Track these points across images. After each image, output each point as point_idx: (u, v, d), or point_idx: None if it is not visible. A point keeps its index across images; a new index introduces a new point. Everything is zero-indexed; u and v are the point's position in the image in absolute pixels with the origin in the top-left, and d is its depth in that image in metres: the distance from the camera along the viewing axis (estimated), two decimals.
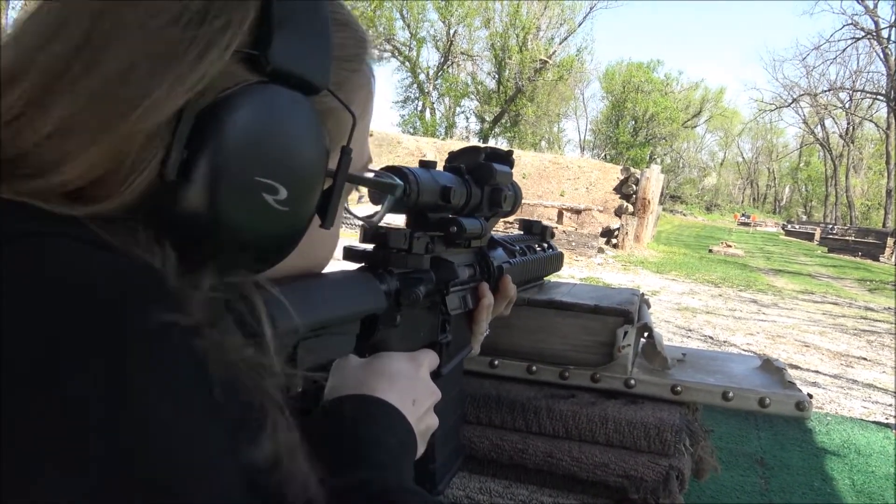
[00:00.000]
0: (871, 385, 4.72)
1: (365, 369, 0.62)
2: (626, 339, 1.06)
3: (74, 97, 0.36)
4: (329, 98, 0.46)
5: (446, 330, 0.77)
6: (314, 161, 0.44)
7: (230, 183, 0.38)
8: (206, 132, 0.37)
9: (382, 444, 0.54)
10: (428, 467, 0.77)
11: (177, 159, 0.36)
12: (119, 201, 0.36)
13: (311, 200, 0.45)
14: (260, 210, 0.40)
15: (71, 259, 0.32)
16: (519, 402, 1.03)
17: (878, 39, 31.25)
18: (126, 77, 0.36)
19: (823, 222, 36.96)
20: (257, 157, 0.39)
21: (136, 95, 0.36)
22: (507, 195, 0.82)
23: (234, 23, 0.38)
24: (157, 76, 0.36)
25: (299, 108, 0.42)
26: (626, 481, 0.96)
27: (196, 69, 0.37)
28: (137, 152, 0.36)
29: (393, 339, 0.66)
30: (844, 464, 1.64)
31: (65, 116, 0.36)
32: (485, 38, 39.01)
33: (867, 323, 7.52)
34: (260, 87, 0.40)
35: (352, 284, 0.59)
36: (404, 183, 0.63)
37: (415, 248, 0.66)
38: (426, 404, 0.65)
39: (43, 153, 0.36)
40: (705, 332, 6.05)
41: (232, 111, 0.38)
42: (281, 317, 0.44)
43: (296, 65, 0.41)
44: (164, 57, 0.36)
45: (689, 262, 12.70)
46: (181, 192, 0.37)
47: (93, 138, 0.35)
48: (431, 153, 17.23)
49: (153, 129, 0.36)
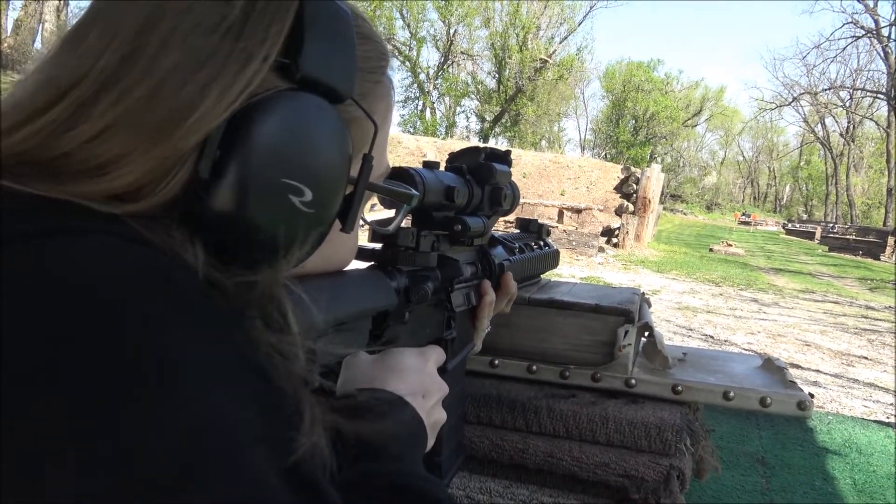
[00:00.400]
0: (872, 384, 4.71)
1: (375, 364, 0.64)
2: (626, 338, 1.06)
3: (125, 108, 0.37)
4: (353, 107, 0.48)
5: (451, 326, 0.79)
6: (338, 166, 0.45)
7: (259, 183, 0.40)
8: (238, 134, 0.39)
9: (395, 436, 0.56)
10: (434, 460, 0.79)
11: (210, 159, 0.38)
12: (156, 200, 0.38)
13: (334, 204, 0.46)
14: (286, 210, 0.42)
15: (110, 254, 0.34)
16: (519, 402, 1.03)
17: (878, 38, 31.22)
18: (174, 89, 0.37)
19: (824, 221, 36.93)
20: (285, 159, 0.41)
21: (184, 107, 0.37)
22: (507, 194, 0.85)
23: (273, 33, 0.40)
24: (204, 87, 0.38)
25: (326, 116, 0.44)
26: (627, 481, 0.96)
27: (240, 79, 0.39)
28: (178, 158, 0.38)
29: (402, 335, 0.69)
30: (846, 463, 1.63)
31: (113, 125, 0.37)
32: (485, 38, 39.01)
33: (868, 322, 7.51)
34: (290, 93, 0.41)
35: (364, 282, 0.61)
36: (414, 186, 0.65)
37: (422, 247, 0.68)
38: (435, 398, 0.67)
39: (95, 158, 0.37)
40: (706, 331, 6.04)
41: (263, 115, 0.40)
42: (303, 313, 0.45)
43: (324, 74, 0.43)
44: (209, 68, 0.38)
45: (689, 261, 12.69)
46: (212, 191, 0.39)
47: (145, 148, 0.37)
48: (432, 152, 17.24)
49: (198, 141, 0.38)
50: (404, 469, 0.52)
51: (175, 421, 0.29)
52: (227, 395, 0.31)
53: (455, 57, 39.82)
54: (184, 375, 0.30)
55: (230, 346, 0.34)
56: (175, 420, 0.29)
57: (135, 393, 0.29)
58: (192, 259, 0.36)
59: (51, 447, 0.27)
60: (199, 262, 0.37)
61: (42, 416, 0.27)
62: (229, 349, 0.33)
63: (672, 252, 14.18)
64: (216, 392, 0.31)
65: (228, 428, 0.30)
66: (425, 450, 0.63)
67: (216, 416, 0.30)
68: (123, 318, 0.31)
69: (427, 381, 0.66)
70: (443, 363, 0.75)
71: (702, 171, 58.55)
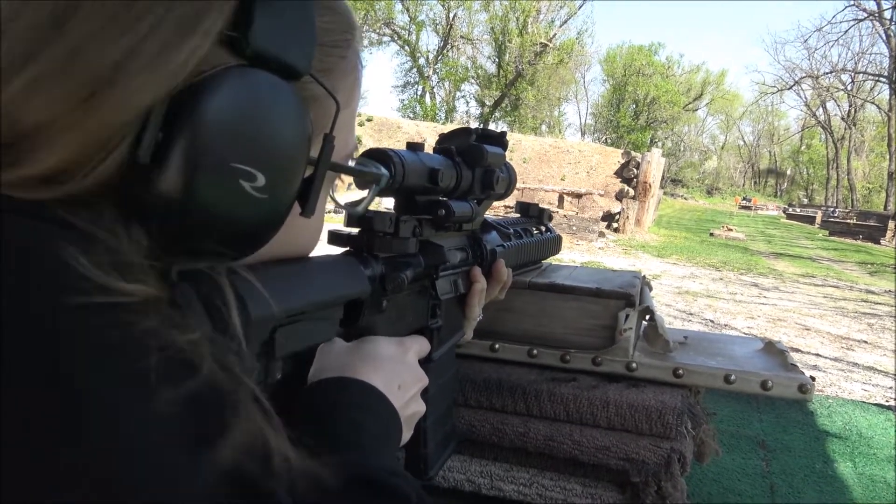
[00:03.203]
0: (872, 368, 4.73)
1: (350, 353, 0.61)
2: (627, 322, 1.05)
3: (41, 73, 0.34)
4: (313, 84, 0.45)
5: (437, 315, 0.77)
6: (294, 148, 0.42)
7: (205, 168, 0.37)
8: (181, 116, 0.36)
9: (362, 426, 0.54)
10: (419, 452, 0.77)
11: (150, 143, 0.35)
12: (87, 182, 0.35)
13: (290, 188, 0.43)
14: (236, 197, 0.39)
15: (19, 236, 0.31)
16: (520, 386, 1.02)
17: (880, 21, 31.02)
18: (94, 53, 0.34)
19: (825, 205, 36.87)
20: (234, 142, 0.38)
21: (106, 75, 0.34)
22: (500, 177, 0.81)
23: (216, 5, 0.37)
24: (129, 55, 0.34)
25: (280, 94, 0.41)
26: (628, 464, 0.96)
27: (176, 53, 0.35)
28: (108, 136, 0.35)
29: (380, 324, 0.65)
30: (846, 446, 1.64)
31: (31, 93, 0.34)
32: (484, 22, 38.75)
33: (868, 306, 7.52)
34: (239, 70, 0.38)
35: (333, 269, 0.58)
36: (388, 166, 0.61)
37: (401, 232, 0.65)
38: (412, 390, 0.65)
39: (11, 131, 0.34)
40: (706, 315, 6.05)
41: (209, 95, 0.36)
42: (256, 302, 0.43)
43: (277, 48, 0.40)
44: (132, 35, 0.35)
45: (690, 245, 12.70)
46: (154, 177, 0.36)
47: (69, 123, 0.34)
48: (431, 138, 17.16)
49: (128, 118, 0.35)
50: (371, 462, 0.49)
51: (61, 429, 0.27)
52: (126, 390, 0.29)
53: (455, 41, 39.59)
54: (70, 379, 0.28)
55: (129, 335, 0.31)
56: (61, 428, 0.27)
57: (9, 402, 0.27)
58: (123, 244, 0.34)
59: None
60: (131, 247, 0.34)
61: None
62: (129, 339, 0.31)
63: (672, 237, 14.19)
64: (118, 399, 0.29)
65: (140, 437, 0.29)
66: (400, 443, 0.61)
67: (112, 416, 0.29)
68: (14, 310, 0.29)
69: (404, 372, 0.64)
70: (427, 353, 0.73)
71: (702, 155, 58.43)
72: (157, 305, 0.33)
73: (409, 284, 0.65)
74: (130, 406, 0.29)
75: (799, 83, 42.05)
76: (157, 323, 0.32)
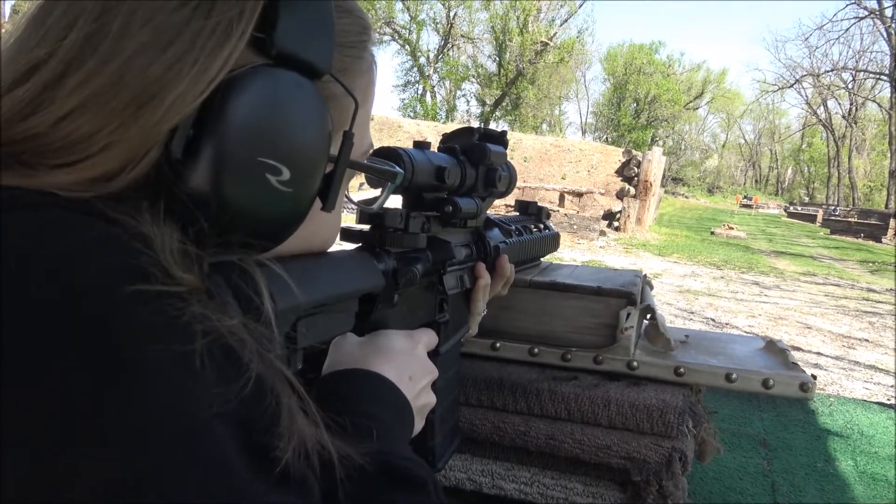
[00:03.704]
0: (873, 366, 4.72)
1: (362, 346, 0.63)
2: (628, 320, 1.05)
3: (91, 91, 0.36)
4: (331, 83, 0.46)
5: (444, 309, 0.78)
6: (317, 144, 0.44)
7: (234, 162, 0.39)
8: (211, 113, 0.38)
9: (377, 417, 0.55)
10: (427, 444, 0.78)
11: (182, 138, 0.37)
12: (126, 181, 0.37)
13: (312, 183, 0.45)
14: (262, 190, 0.41)
15: (64, 228, 0.33)
16: (521, 385, 1.02)
17: (881, 19, 30.98)
18: (141, 69, 0.36)
19: (826, 204, 36.85)
20: (261, 138, 0.40)
21: (153, 88, 0.36)
22: (502, 175, 0.83)
23: (248, 8, 0.39)
24: (172, 67, 0.36)
25: (303, 92, 0.42)
26: (629, 463, 0.96)
27: (216, 58, 0.38)
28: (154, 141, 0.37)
29: (391, 317, 0.67)
30: (847, 445, 1.63)
31: (81, 107, 0.36)
32: (485, 21, 38.73)
33: (869, 304, 7.51)
34: (265, 69, 0.40)
35: (350, 263, 0.60)
36: (399, 165, 0.63)
37: (411, 228, 0.67)
38: (423, 382, 0.66)
39: (62, 141, 0.36)
40: (707, 314, 6.05)
41: (237, 93, 0.38)
42: (282, 293, 0.45)
43: (300, 48, 0.42)
44: (176, 47, 0.37)
45: (691, 244, 12.69)
46: (186, 171, 0.38)
47: (117, 133, 0.36)
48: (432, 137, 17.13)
49: (176, 123, 0.37)
50: (386, 449, 0.51)
51: (126, 416, 0.29)
52: (181, 379, 0.31)
53: (455, 40, 39.58)
54: (126, 360, 0.30)
55: (185, 331, 0.32)
56: (126, 415, 0.29)
57: (79, 386, 0.28)
58: (158, 238, 0.36)
59: (25, 433, 0.27)
60: (167, 241, 0.36)
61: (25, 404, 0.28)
62: (184, 334, 0.32)
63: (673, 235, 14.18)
64: (170, 377, 0.31)
65: (186, 416, 0.30)
66: (412, 433, 0.62)
67: (172, 404, 0.30)
68: (71, 299, 0.30)
69: (415, 364, 0.66)
70: (435, 346, 0.75)
71: (703, 154, 58.39)
72: (199, 294, 0.35)
73: (419, 279, 0.67)
74: (182, 391, 0.31)
75: (800, 81, 42.02)
76: (201, 309, 0.34)
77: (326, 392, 0.57)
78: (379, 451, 0.49)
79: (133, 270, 0.32)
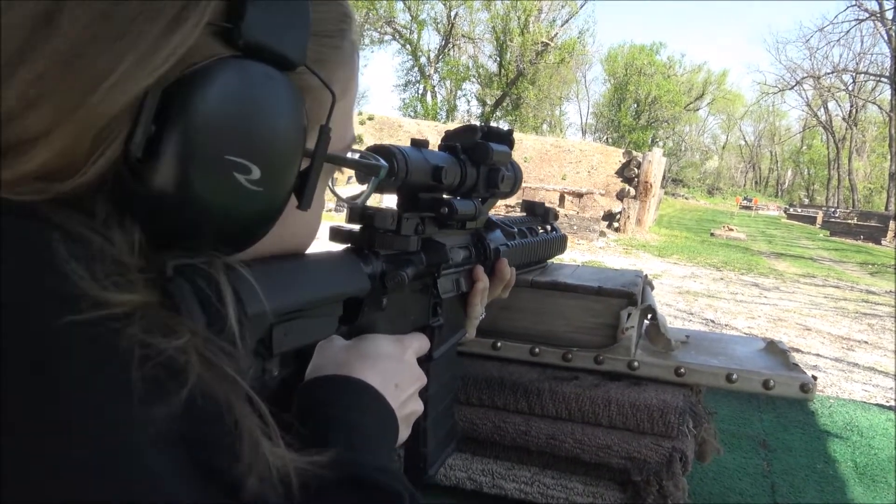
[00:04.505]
0: (873, 368, 4.73)
1: (348, 350, 0.60)
2: (629, 320, 1.05)
3: (33, 73, 0.34)
4: (307, 75, 0.44)
5: (438, 313, 0.76)
6: (289, 140, 0.42)
7: (199, 162, 0.36)
8: (174, 108, 0.35)
9: (356, 425, 0.53)
10: (420, 451, 0.76)
11: (143, 137, 0.35)
12: (82, 181, 0.35)
13: (285, 181, 0.43)
14: (231, 190, 0.39)
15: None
16: (522, 384, 1.03)
17: (882, 20, 31.00)
18: (83, 53, 0.34)
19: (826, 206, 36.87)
20: (228, 135, 0.38)
21: (95, 74, 0.34)
22: (506, 175, 0.80)
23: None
24: (118, 52, 0.34)
25: (274, 85, 0.40)
26: (630, 463, 0.96)
27: (164, 46, 0.35)
28: (101, 130, 0.35)
29: (380, 322, 0.65)
30: (847, 446, 1.63)
31: (25, 93, 0.34)
32: (486, 21, 38.74)
33: (868, 306, 7.52)
34: (232, 61, 0.38)
35: (332, 266, 0.57)
36: (390, 163, 0.60)
37: (403, 229, 0.64)
38: (410, 389, 0.63)
39: (17, 137, 0.34)
40: (707, 315, 6.06)
41: (202, 87, 0.36)
42: (252, 298, 0.42)
43: (270, 39, 0.39)
44: (125, 32, 0.34)
45: (690, 245, 12.70)
46: (148, 171, 0.35)
47: (56, 121, 0.34)
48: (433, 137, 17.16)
49: (118, 109, 0.35)
50: (361, 460, 0.49)
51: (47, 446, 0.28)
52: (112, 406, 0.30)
53: (456, 40, 39.58)
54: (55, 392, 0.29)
55: (122, 357, 0.31)
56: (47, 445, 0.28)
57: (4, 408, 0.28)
58: (116, 242, 0.34)
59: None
60: (125, 246, 0.34)
61: None
62: (120, 360, 0.31)
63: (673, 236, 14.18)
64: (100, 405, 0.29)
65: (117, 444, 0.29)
66: (396, 442, 0.60)
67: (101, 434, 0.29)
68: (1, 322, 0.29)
69: (403, 371, 0.63)
70: (428, 351, 0.72)
71: (703, 155, 58.36)
72: (144, 311, 0.33)
73: (409, 282, 0.64)
74: (116, 419, 0.29)
75: (800, 83, 42.06)
76: (141, 331, 0.32)
77: (307, 399, 0.54)
78: (353, 462, 0.47)
79: (66, 298, 0.31)
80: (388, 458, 0.56)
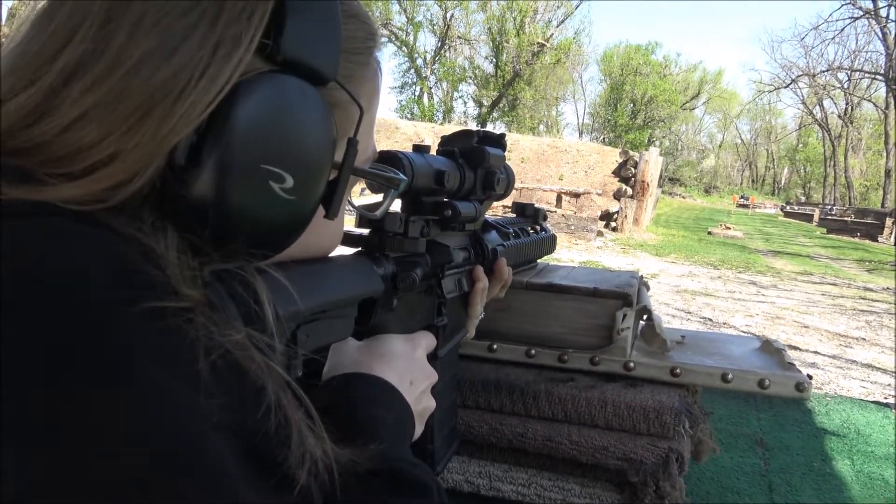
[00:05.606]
0: (870, 365, 4.73)
1: (362, 350, 0.63)
2: (625, 321, 1.06)
3: (98, 97, 0.36)
4: (337, 90, 0.46)
5: (442, 313, 0.78)
6: (321, 152, 0.44)
7: (237, 170, 0.38)
8: (216, 119, 0.37)
9: (379, 420, 0.55)
10: (426, 448, 0.78)
11: (186, 144, 0.37)
12: (132, 189, 0.36)
13: (316, 190, 0.45)
14: (266, 197, 0.41)
15: (61, 237, 0.33)
16: (518, 386, 1.03)
17: (876, 18, 31.06)
18: (147, 76, 0.36)
19: (822, 203, 36.90)
20: (265, 145, 0.40)
21: (160, 95, 0.36)
22: (500, 178, 0.83)
23: (257, 15, 0.39)
24: (178, 74, 0.36)
25: (308, 99, 0.42)
26: (626, 464, 0.96)
27: (225, 65, 0.37)
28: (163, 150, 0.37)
29: (390, 322, 0.67)
30: (844, 444, 1.64)
31: (87, 115, 0.35)
32: (482, 22, 38.77)
33: (866, 303, 7.53)
34: (270, 75, 0.40)
35: (350, 269, 0.60)
36: (399, 169, 0.63)
37: (410, 232, 0.67)
38: (423, 385, 0.66)
39: (66, 149, 0.36)
40: (704, 314, 6.06)
41: (243, 99, 0.38)
42: (283, 300, 0.45)
43: (306, 55, 0.42)
44: (182, 54, 0.36)
45: (688, 244, 12.71)
46: (188, 178, 0.37)
47: (124, 142, 0.36)
48: (430, 138, 17.16)
49: (189, 130, 0.37)
50: (390, 453, 0.51)
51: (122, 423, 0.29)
52: (179, 387, 0.31)
53: (452, 41, 39.60)
54: (130, 372, 0.30)
55: (190, 348, 0.32)
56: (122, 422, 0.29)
57: (75, 392, 0.29)
58: (161, 247, 0.35)
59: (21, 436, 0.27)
60: (169, 250, 0.36)
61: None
62: (189, 351, 0.32)
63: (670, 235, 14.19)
64: (167, 386, 0.31)
65: (183, 423, 0.30)
66: (413, 437, 0.62)
67: (168, 413, 0.30)
68: (70, 307, 0.30)
69: (415, 368, 0.66)
70: (433, 350, 0.75)
71: (700, 154, 58.45)
72: (202, 308, 0.35)
73: (419, 283, 0.67)
74: (185, 402, 0.31)
75: (796, 81, 42.05)
76: (205, 324, 0.33)
77: (328, 397, 0.57)
78: (384, 455, 0.48)
79: (140, 287, 0.32)
80: (409, 452, 0.58)
